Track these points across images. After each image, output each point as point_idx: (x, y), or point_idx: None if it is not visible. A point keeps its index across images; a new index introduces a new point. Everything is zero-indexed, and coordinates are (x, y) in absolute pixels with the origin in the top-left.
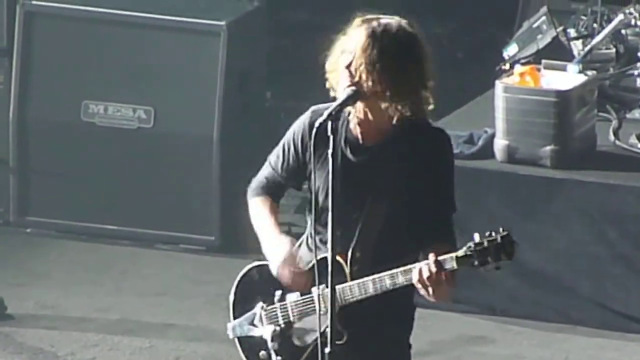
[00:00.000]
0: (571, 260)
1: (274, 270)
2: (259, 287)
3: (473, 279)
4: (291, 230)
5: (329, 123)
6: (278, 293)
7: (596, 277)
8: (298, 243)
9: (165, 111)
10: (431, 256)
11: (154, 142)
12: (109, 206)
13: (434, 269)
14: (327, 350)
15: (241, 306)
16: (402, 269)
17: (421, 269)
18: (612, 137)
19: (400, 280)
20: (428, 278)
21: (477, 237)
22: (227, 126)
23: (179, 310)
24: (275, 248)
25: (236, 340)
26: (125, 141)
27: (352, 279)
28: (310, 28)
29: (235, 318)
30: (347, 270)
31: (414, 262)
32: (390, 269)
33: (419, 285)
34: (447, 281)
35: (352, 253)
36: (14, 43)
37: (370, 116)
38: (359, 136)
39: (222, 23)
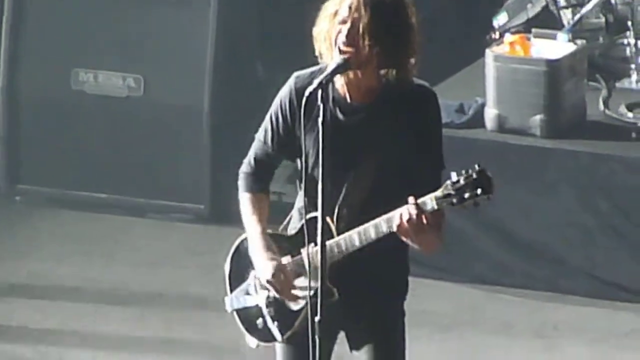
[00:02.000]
0: (561, 229)
1: (261, 280)
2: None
3: (462, 249)
4: (282, 200)
5: (320, 91)
6: None
7: (585, 247)
8: (288, 219)
9: (155, 80)
10: (410, 199)
11: (143, 111)
12: (99, 175)
13: (414, 211)
14: (317, 319)
15: (236, 279)
16: (384, 216)
17: (401, 214)
18: (601, 107)
19: (384, 228)
20: (408, 221)
21: (454, 175)
22: (217, 95)
23: (170, 280)
24: (259, 264)
25: (234, 313)
26: (115, 109)
27: (339, 235)
28: None
29: (231, 291)
30: (334, 227)
31: None
32: None
33: (401, 232)
34: (431, 226)
35: (338, 210)
36: (3, 12)
37: (359, 77)
38: (347, 95)
39: None
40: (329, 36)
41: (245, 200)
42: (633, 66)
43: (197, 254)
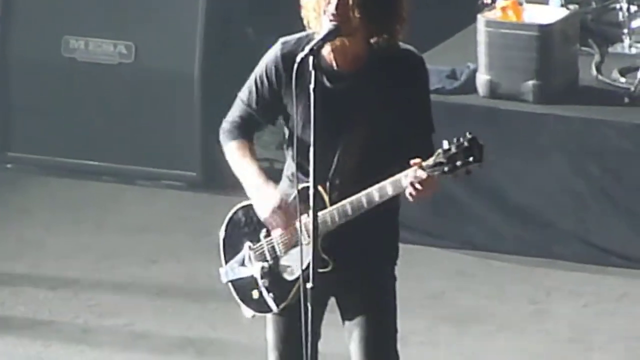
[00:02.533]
0: (552, 195)
1: (263, 217)
2: (245, 228)
3: (454, 215)
4: (273, 166)
5: (311, 58)
6: (264, 230)
7: (577, 212)
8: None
9: (146, 47)
10: (414, 161)
11: (135, 78)
12: (90, 142)
13: (421, 174)
14: (309, 285)
15: (231, 250)
16: (376, 186)
17: (407, 175)
18: (594, 72)
19: (390, 191)
20: (412, 184)
21: (445, 143)
22: (208, 62)
23: (161, 247)
24: (261, 198)
25: (230, 284)
26: (106, 77)
27: (331, 205)
28: None
29: (226, 262)
30: (327, 197)
31: None
32: None
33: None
34: (426, 190)
35: (331, 180)
36: None
37: (346, 44)
38: (334, 63)
39: None
40: (318, 6)
41: (231, 148)
42: (625, 31)
43: (188, 219)
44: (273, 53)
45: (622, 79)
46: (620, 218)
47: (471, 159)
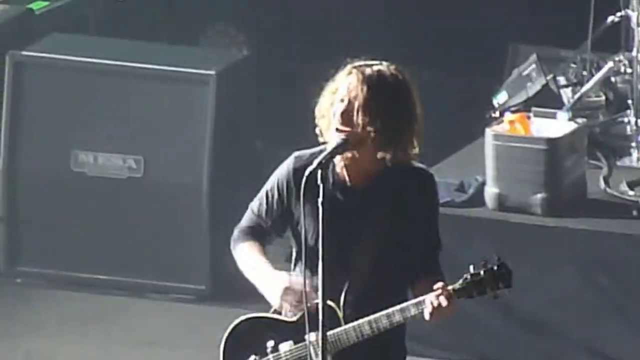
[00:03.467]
0: (562, 306)
1: (273, 302)
2: (250, 340)
3: (464, 327)
4: None
5: (319, 171)
6: (270, 344)
7: (587, 324)
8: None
9: (155, 160)
10: (438, 285)
11: (144, 192)
12: (99, 256)
13: (444, 301)
14: None
15: None
16: (397, 307)
17: (431, 300)
18: (602, 185)
19: (412, 312)
20: (438, 307)
21: (472, 268)
22: (216, 175)
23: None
24: (272, 282)
25: None
26: (115, 191)
27: (345, 323)
28: (299, 76)
29: None
30: (340, 314)
31: (403, 301)
32: (381, 309)
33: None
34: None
35: (344, 297)
36: (2, 93)
37: (357, 159)
38: (347, 178)
39: (212, 72)
40: (328, 114)
41: (241, 250)
42: (633, 144)
43: (197, 333)
44: (286, 166)
45: (631, 192)
46: (630, 329)
47: (501, 284)
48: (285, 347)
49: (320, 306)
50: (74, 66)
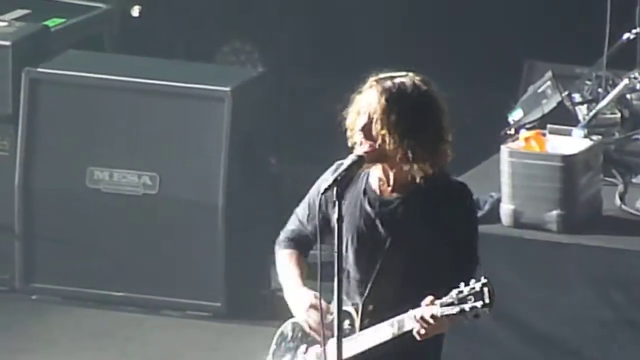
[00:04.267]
0: (578, 324)
1: (298, 317)
2: (290, 342)
3: (481, 345)
4: None
5: (335, 189)
6: (302, 348)
7: (603, 342)
8: None
9: (170, 177)
10: (426, 300)
11: (159, 208)
12: (114, 272)
13: (427, 314)
14: None
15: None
16: (397, 318)
17: (414, 315)
18: (618, 202)
19: (395, 329)
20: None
21: (462, 285)
22: (231, 192)
23: None
24: (299, 298)
25: None
26: (130, 207)
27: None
28: (314, 93)
29: None
30: (357, 322)
31: None
32: None
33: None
34: (437, 327)
35: (363, 306)
36: (19, 110)
37: (390, 173)
38: (378, 189)
39: (227, 89)
40: (353, 128)
41: (280, 256)
42: None
43: (212, 350)
44: (326, 175)
45: None
46: None
47: (479, 304)
48: (311, 355)
49: (335, 317)
50: (89, 83)
